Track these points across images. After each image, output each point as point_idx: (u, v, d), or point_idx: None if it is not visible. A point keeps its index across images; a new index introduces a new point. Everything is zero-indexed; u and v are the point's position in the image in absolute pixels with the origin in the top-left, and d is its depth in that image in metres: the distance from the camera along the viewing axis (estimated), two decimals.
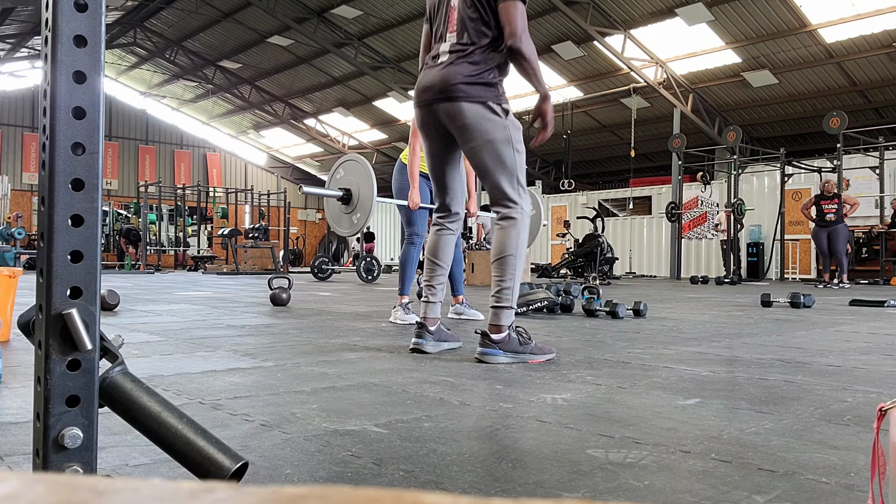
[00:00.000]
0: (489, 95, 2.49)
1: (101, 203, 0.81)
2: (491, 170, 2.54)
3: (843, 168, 12.05)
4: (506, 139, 2.52)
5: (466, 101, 2.48)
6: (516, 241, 2.54)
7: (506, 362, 2.44)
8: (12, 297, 2.89)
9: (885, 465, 0.76)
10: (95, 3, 0.80)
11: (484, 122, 2.49)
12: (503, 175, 2.53)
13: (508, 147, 2.53)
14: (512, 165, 2.54)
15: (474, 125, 2.49)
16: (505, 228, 2.55)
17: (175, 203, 19.23)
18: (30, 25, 18.98)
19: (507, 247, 2.54)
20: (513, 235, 2.54)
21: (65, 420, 0.79)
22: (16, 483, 0.25)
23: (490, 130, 2.49)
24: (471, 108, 2.48)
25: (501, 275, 2.54)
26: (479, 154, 2.53)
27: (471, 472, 1.18)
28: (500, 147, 2.51)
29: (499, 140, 2.51)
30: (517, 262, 2.54)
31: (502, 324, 2.49)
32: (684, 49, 14.19)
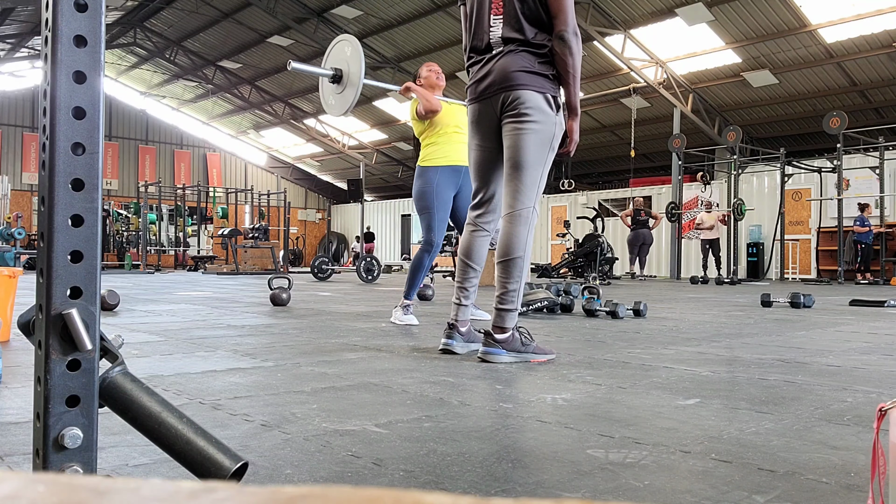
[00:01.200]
0: (549, 87, 2.46)
1: (101, 203, 0.81)
2: (521, 159, 2.47)
3: (843, 168, 12.06)
4: (549, 134, 2.48)
5: (528, 90, 2.44)
6: (525, 241, 2.49)
7: (508, 361, 2.44)
8: (12, 297, 2.89)
9: (885, 465, 0.76)
10: (95, 3, 0.80)
11: (536, 112, 2.45)
12: (529, 170, 2.48)
13: (548, 144, 2.48)
14: (541, 161, 2.49)
15: (528, 111, 2.45)
16: (514, 226, 2.49)
17: (175, 203, 19.23)
18: (30, 25, 18.99)
19: (516, 248, 2.49)
20: (521, 234, 2.48)
21: (65, 420, 0.79)
22: (16, 483, 0.25)
23: (540, 122, 2.45)
24: (532, 96, 2.44)
25: (508, 277, 2.50)
26: (518, 139, 2.47)
27: (471, 472, 1.18)
28: (541, 140, 2.46)
29: (543, 132, 2.46)
30: (524, 265, 2.50)
31: (507, 325, 2.47)
32: (684, 49, 14.19)
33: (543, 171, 2.51)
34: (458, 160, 4.02)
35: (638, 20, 13.61)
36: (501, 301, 2.51)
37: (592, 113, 17.99)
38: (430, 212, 3.98)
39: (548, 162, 2.51)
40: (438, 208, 3.98)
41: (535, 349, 2.49)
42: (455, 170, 4.02)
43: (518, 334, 2.49)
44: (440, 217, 4.00)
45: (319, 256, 11.93)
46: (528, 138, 2.45)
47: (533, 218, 2.51)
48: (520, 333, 2.50)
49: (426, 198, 3.98)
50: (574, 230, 15.58)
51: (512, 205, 2.51)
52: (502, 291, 2.50)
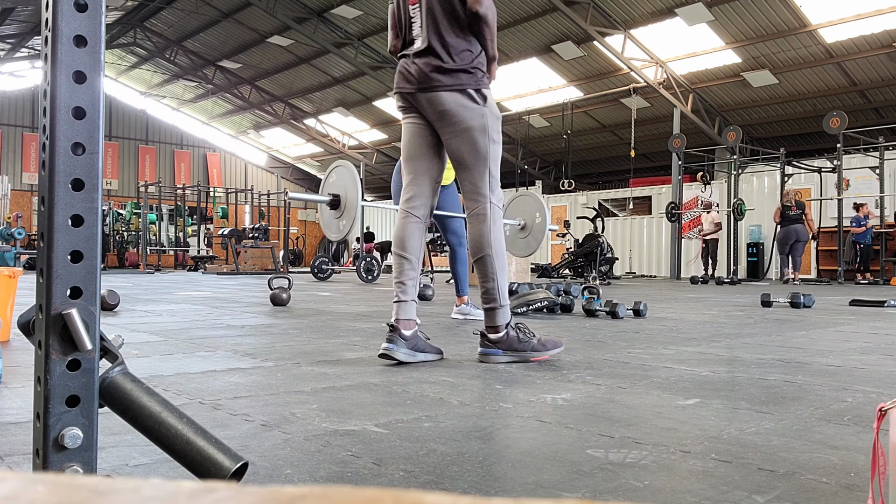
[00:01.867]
0: (469, 81, 2.42)
1: (101, 203, 0.81)
2: (465, 160, 2.47)
3: (843, 168, 12.06)
4: (482, 128, 2.44)
5: (444, 90, 2.41)
6: (490, 236, 2.46)
7: (506, 361, 2.41)
8: (12, 297, 2.89)
9: (885, 465, 0.76)
10: (95, 3, 0.80)
11: (461, 111, 2.42)
12: (476, 166, 2.47)
13: (484, 136, 2.45)
14: (485, 156, 2.46)
15: (452, 113, 2.42)
16: (476, 225, 2.48)
17: (175, 203, 19.24)
18: (30, 25, 18.99)
19: (482, 245, 2.47)
20: (485, 232, 2.47)
21: (65, 420, 0.79)
22: (16, 483, 0.25)
23: (467, 119, 2.42)
24: (449, 97, 2.41)
25: (483, 275, 2.48)
26: (454, 142, 2.46)
27: (471, 472, 1.18)
28: (475, 136, 2.44)
29: (475, 128, 2.43)
30: (496, 260, 2.46)
31: (498, 323, 2.44)
32: (684, 49, 14.19)
33: (490, 164, 2.48)
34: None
35: (638, 20, 13.61)
36: (484, 300, 2.49)
37: (592, 113, 17.99)
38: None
39: (492, 154, 2.47)
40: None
41: (535, 346, 2.44)
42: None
43: (514, 331, 2.44)
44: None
45: (319, 256, 11.93)
46: (461, 139, 2.44)
47: (492, 212, 2.48)
48: (517, 330, 2.45)
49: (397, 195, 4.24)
50: (574, 230, 15.59)
51: (469, 206, 2.51)
52: (482, 291, 2.49)
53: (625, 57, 14.19)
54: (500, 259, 2.47)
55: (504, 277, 2.48)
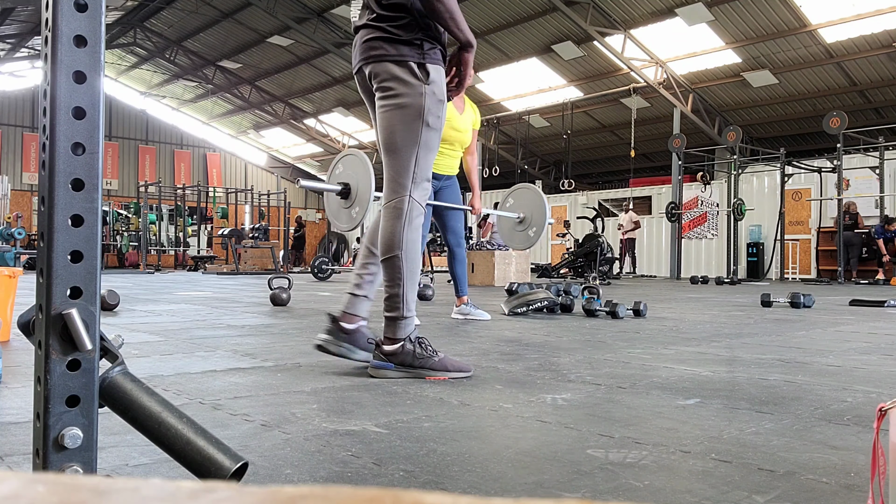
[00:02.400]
0: (412, 53, 2.13)
1: (101, 203, 0.81)
2: (389, 142, 2.17)
3: (843, 168, 12.06)
4: (417, 108, 2.14)
5: (387, 61, 2.14)
6: (402, 235, 2.16)
7: (396, 377, 2.14)
8: (12, 297, 2.89)
9: (885, 465, 0.76)
10: (95, 3, 0.80)
11: (397, 84, 2.13)
12: (401, 151, 2.16)
13: (418, 119, 2.14)
14: (412, 141, 2.15)
15: (386, 86, 2.15)
16: (389, 220, 2.18)
17: (175, 203, 19.24)
18: (30, 25, 18.99)
19: (393, 244, 2.16)
20: (398, 229, 2.16)
21: (65, 420, 0.79)
22: (16, 483, 0.25)
23: (402, 94, 2.13)
24: (388, 68, 2.14)
25: (389, 279, 2.19)
26: (383, 120, 2.17)
27: (471, 472, 1.18)
28: (407, 116, 2.14)
29: (408, 106, 2.13)
30: (405, 264, 2.17)
31: (396, 336, 2.17)
32: (684, 49, 14.19)
33: (418, 151, 2.16)
34: (441, 170, 4.21)
35: (638, 20, 13.61)
36: (386, 307, 2.20)
37: (592, 113, 17.99)
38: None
39: (424, 141, 2.16)
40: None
41: (436, 364, 2.15)
42: (434, 177, 4.20)
43: (413, 346, 2.16)
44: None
45: (319, 256, 11.92)
46: (391, 116, 2.15)
47: (411, 209, 2.18)
48: (417, 345, 2.17)
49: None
50: (574, 230, 15.60)
51: (386, 195, 2.22)
52: (385, 296, 2.20)
53: (625, 57, 14.19)
54: (410, 263, 2.18)
55: (413, 285, 2.20)
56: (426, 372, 2.14)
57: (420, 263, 2.20)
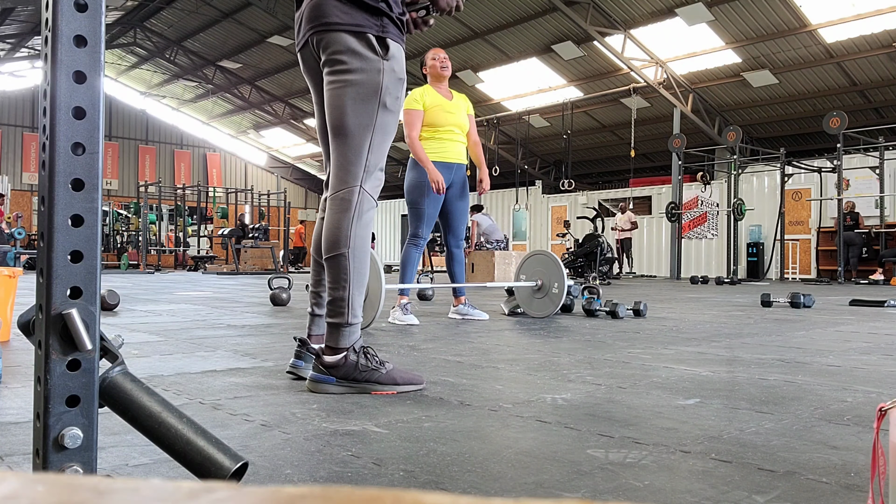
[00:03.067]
0: (369, 22, 1.87)
1: (101, 203, 0.81)
2: (339, 124, 1.90)
3: (843, 168, 12.06)
4: (373, 86, 1.88)
5: (340, 30, 1.86)
6: (349, 231, 1.90)
7: (338, 392, 1.88)
8: (12, 297, 2.89)
9: (885, 465, 0.76)
10: (95, 3, 0.80)
11: (351, 58, 1.86)
12: (352, 136, 1.89)
13: (373, 98, 1.88)
14: (367, 124, 1.89)
15: (338, 59, 1.87)
16: (336, 213, 1.91)
17: (175, 203, 19.24)
18: (30, 25, 18.99)
19: (339, 241, 1.90)
20: (345, 224, 1.90)
21: (65, 420, 0.79)
22: (16, 483, 0.25)
23: (356, 70, 1.86)
24: (341, 38, 1.86)
25: (333, 280, 1.92)
26: (332, 98, 1.90)
27: (471, 472, 1.18)
28: (361, 94, 1.87)
29: (363, 84, 1.87)
30: (352, 263, 1.90)
31: (339, 345, 1.92)
32: (684, 49, 14.19)
33: (373, 136, 1.91)
34: (451, 157, 4.14)
35: (638, 20, 13.61)
36: (329, 312, 1.94)
37: (592, 113, 17.99)
38: (421, 207, 4.06)
39: (379, 124, 1.91)
40: (429, 204, 4.05)
41: (381, 377, 1.90)
42: (447, 166, 4.13)
43: (357, 357, 1.91)
44: (429, 213, 4.07)
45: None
46: (342, 94, 1.88)
47: (361, 202, 1.91)
48: (363, 356, 1.92)
49: (417, 192, 4.06)
50: (574, 230, 15.60)
51: (334, 185, 1.94)
52: (328, 300, 1.94)
53: (625, 57, 14.19)
54: (358, 263, 1.91)
55: (360, 288, 1.94)
56: (372, 386, 1.89)
57: (368, 263, 1.96)
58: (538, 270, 4.38)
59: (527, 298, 4.46)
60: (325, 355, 1.92)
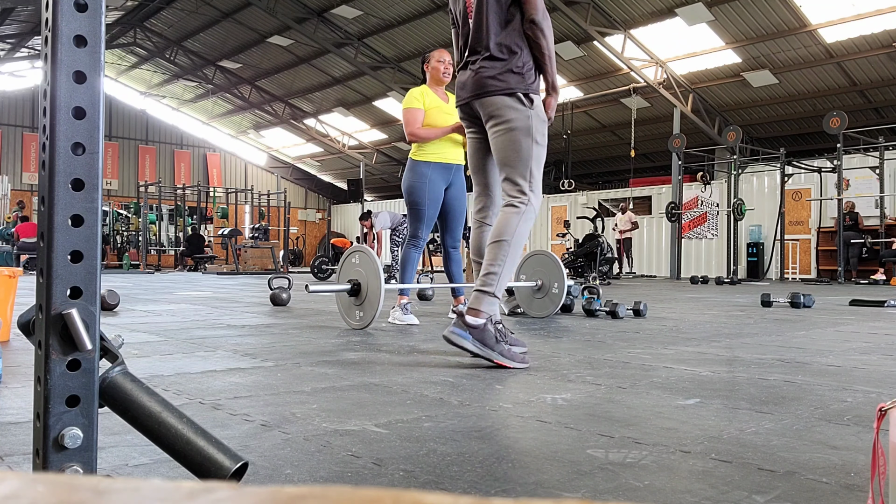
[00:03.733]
0: (516, 84, 2.52)
1: (101, 203, 0.81)
2: (507, 158, 2.55)
3: (843, 168, 12.06)
4: (526, 129, 2.53)
5: (498, 94, 2.54)
6: (515, 227, 2.48)
7: (471, 350, 2.34)
8: (12, 297, 2.89)
9: (885, 465, 0.76)
10: (95, 3, 0.80)
11: (508, 111, 2.54)
12: (517, 164, 2.54)
13: (528, 137, 2.54)
14: (527, 156, 2.53)
15: (499, 113, 2.55)
16: (508, 215, 2.52)
17: (175, 203, 19.24)
18: (30, 25, 18.99)
19: (505, 231, 2.49)
20: (513, 222, 2.49)
21: (65, 420, 0.79)
22: (16, 483, 0.25)
23: (513, 119, 2.53)
24: (498, 99, 2.54)
25: (492, 259, 2.48)
26: (499, 143, 2.57)
27: (471, 472, 1.18)
28: (519, 136, 2.53)
29: (519, 129, 2.53)
30: (510, 250, 2.47)
31: (482, 309, 2.40)
32: (684, 49, 14.19)
33: (531, 159, 2.55)
34: (450, 158, 4.13)
35: (638, 20, 13.61)
36: (482, 282, 2.46)
37: (592, 113, 17.99)
38: (420, 207, 4.06)
39: (535, 155, 2.56)
40: (429, 205, 4.06)
41: (506, 351, 2.35)
42: (446, 167, 4.11)
43: (494, 328, 2.38)
44: (429, 214, 4.07)
45: (319, 256, 11.92)
46: (507, 138, 2.54)
47: (528, 210, 2.52)
48: (497, 330, 2.40)
49: (418, 192, 4.06)
50: (574, 230, 15.60)
51: (509, 197, 2.57)
52: (485, 272, 2.47)
53: (625, 57, 14.19)
54: (514, 250, 2.48)
55: (510, 271, 2.48)
56: (497, 356, 2.32)
57: (520, 255, 2.52)
58: (538, 270, 4.38)
59: (527, 299, 4.46)
60: (468, 315, 2.38)
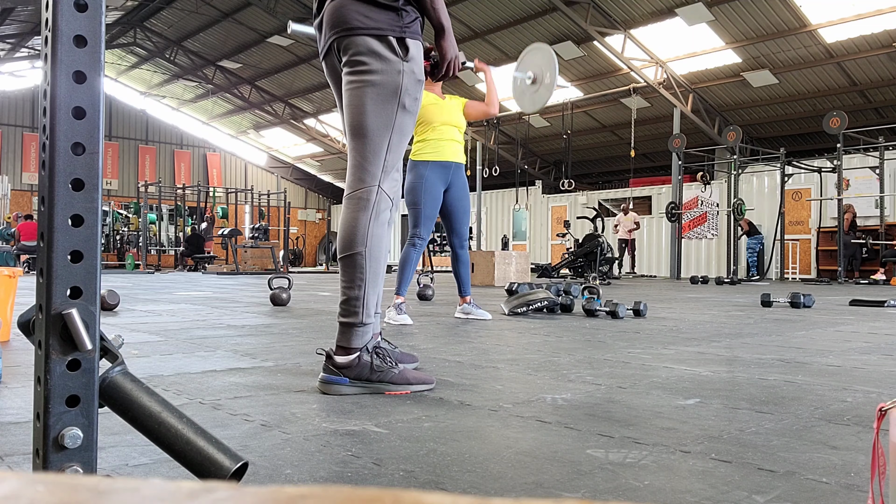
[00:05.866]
0: (389, 25, 1.88)
1: (101, 203, 0.81)
2: (358, 124, 1.91)
3: (843, 168, 12.06)
4: (393, 87, 1.89)
5: (362, 34, 1.87)
6: (367, 230, 1.90)
7: (351, 393, 1.86)
8: (12, 297, 2.89)
9: (885, 465, 0.76)
10: (95, 3, 0.80)
11: (372, 59, 1.87)
12: (371, 136, 1.90)
13: (393, 100, 1.89)
14: (386, 124, 1.90)
15: (359, 60, 1.88)
16: (353, 212, 1.92)
17: (175, 203, 19.24)
18: (30, 25, 18.98)
19: (355, 240, 1.90)
20: (363, 223, 1.90)
21: (65, 420, 0.79)
22: (16, 483, 0.25)
23: (377, 71, 1.88)
24: (360, 41, 1.87)
25: (348, 279, 1.92)
26: (352, 98, 1.91)
27: (471, 472, 1.18)
28: (382, 95, 1.89)
29: (382, 85, 1.88)
30: (368, 263, 1.91)
31: (351, 345, 1.92)
32: (684, 49, 14.19)
33: (391, 136, 1.92)
34: (448, 156, 4.13)
35: (638, 20, 13.61)
36: (344, 311, 1.95)
37: (592, 113, 17.99)
38: (419, 207, 4.06)
39: (398, 124, 1.92)
40: (427, 204, 4.05)
41: (396, 378, 1.90)
42: (444, 165, 4.10)
43: (371, 357, 1.91)
44: (427, 213, 4.07)
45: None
46: (362, 94, 1.89)
47: (379, 202, 1.92)
48: (376, 356, 1.91)
49: (415, 192, 4.06)
50: (574, 230, 15.60)
51: (351, 184, 1.94)
52: (342, 299, 1.95)
53: (625, 57, 14.19)
54: (374, 263, 1.92)
55: (375, 289, 1.94)
56: (385, 386, 1.89)
57: (384, 263, 1.96)
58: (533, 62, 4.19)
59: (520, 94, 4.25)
60: (336, 356, 1.91)
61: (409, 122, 1.95)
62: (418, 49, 1.94)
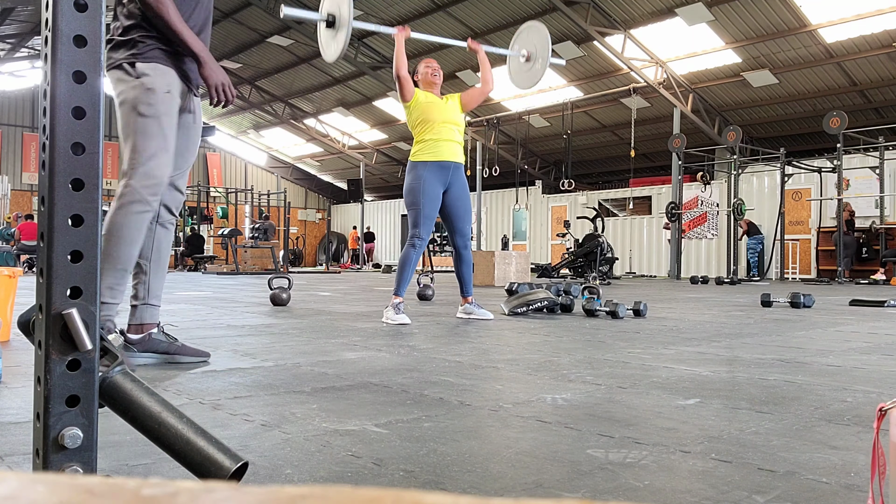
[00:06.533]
0: (119, 56, 2.28)
1: (101, 203, 0.81)
2: (122, 137, 2.30)
3: (843, 168, 12.06)
4: (132, 101, 2.27)
5: (110, 69, 2.31)
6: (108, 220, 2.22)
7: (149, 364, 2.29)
8: (12, 297, 2.89)
9: (885, 465, 0.76)
10: (95, 3, 0.80)
11: (118, 85, 2.31)
12: (125, 142, 2.28)
13: (133, 112, 2.26)
14: (130, 131, 2.26)
15: (114, 91, 2.32)
16: (111, 210, 2.24)
17: None
18: (30, 25, 18.98)
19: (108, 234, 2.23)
20: (117, 219, 2.22)
21: (65, 420, 0.79)
22: (16, 483, 0.25)
23: (121, 93, 2.29)
24: (111, 75, 2.31)
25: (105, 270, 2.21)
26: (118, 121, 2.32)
27: (471, 472, 1.18)
28: (125, 110, 2.28)
29: (126, 102, 2.28)
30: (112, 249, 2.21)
31: (144, 321, 2.36)
32: (684, 49, 14.19)
33: (136, 140, 2.25)
34: (446, 157, 4.13)
35: (638, 20, 13.61)
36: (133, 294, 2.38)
37: (592, 113, 17.99)
38: (418, 207, 4.06)
39: (140, 129, 2.25)
40: (426, 204, 4.05)
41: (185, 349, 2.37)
42: (443, 166, 4.10)
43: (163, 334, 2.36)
44: (427, 213, 4.07)
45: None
46: (119, 114, 2.30)
47: (126, 195, 2.23)
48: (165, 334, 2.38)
49: (414, 193, 4.07)
50: (574, 230, 15.60)
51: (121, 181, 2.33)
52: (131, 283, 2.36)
53: (625, 57, 14.19)
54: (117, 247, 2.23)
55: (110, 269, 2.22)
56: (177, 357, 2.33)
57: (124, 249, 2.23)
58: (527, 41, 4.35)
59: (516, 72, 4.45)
60: (130, 333, 2.34)
61: (150, 125, 2.28)
62: (152, 68, 2.28)
